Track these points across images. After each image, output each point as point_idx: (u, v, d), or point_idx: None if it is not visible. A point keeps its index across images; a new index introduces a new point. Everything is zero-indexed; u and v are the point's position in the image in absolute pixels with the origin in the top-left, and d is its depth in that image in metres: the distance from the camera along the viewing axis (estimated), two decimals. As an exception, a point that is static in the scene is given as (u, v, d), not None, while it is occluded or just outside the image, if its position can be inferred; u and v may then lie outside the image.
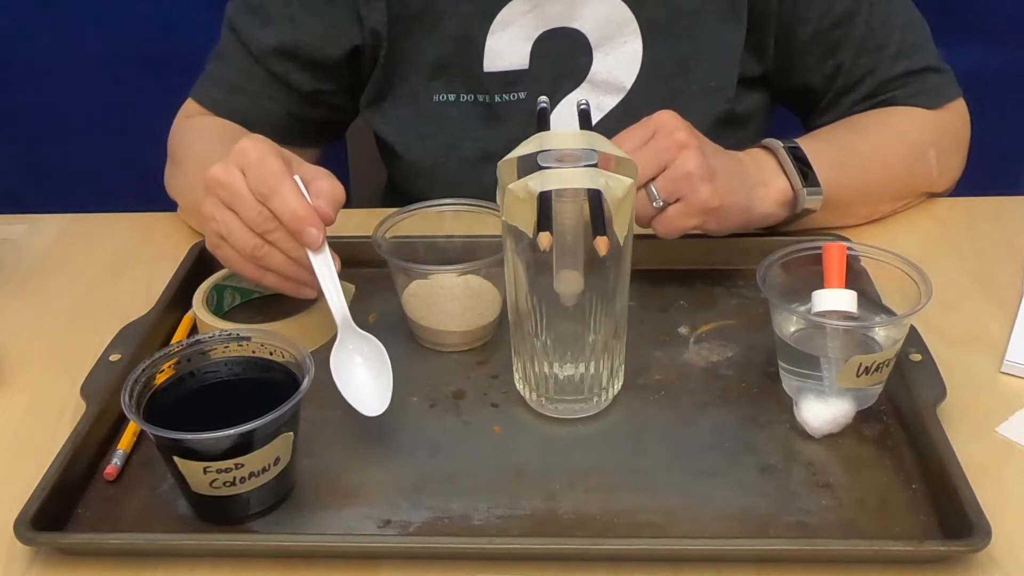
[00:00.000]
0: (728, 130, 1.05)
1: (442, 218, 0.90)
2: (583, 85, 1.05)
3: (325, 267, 0.80)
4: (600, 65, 1.05)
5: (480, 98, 1.06)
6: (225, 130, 1.05)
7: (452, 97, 1.06)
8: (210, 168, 0.81)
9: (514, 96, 1.05)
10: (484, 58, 1.04)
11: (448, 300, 0.84)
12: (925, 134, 1.03)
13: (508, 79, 1.05)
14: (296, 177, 0.80)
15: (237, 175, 0.80)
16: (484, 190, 0.83)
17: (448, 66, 1.05)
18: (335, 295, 0.80)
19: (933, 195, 1.06)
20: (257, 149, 0.80)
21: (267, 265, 0.82)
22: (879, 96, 1.05)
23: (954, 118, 1.07)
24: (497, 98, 1.05)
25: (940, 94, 1.05)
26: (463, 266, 0.83)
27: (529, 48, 1.04)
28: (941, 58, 1.07)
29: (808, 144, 0.95)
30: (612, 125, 1.03)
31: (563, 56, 1.04)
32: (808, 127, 1.10)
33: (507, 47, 1.03)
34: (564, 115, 1.04)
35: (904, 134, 1.03)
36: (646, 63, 1.04)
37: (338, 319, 0.79)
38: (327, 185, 0.82)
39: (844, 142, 1.01)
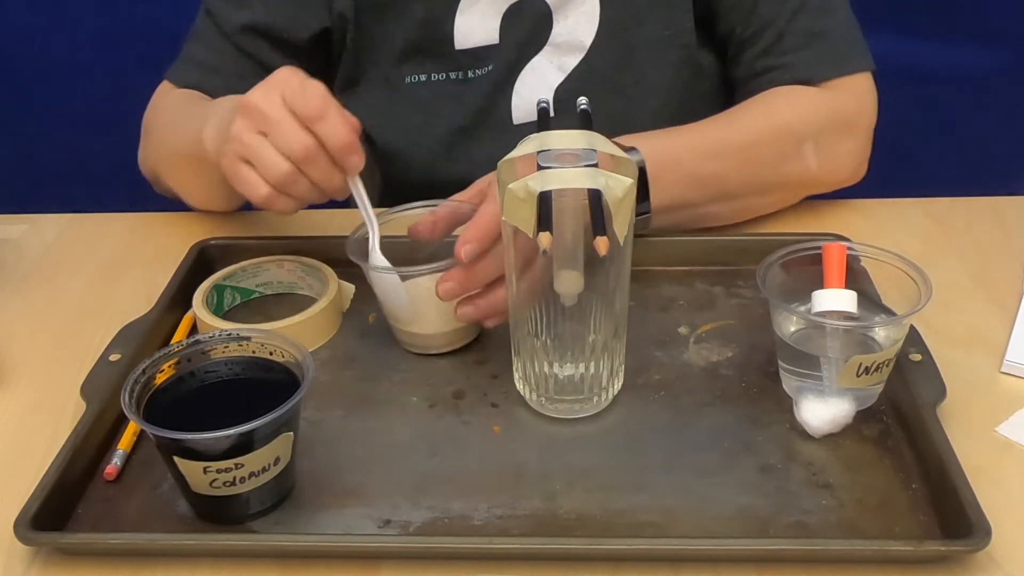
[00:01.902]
0: (694, 82, 1.06)
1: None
2: (545, 48, 1.06)
3: (364, 193, 0.83)
4: (560, 27, 1.05)
5: (453, 75, 1.07)
6: (194, 96, 1.05)
7: (423, 77, 1.07)
8: (248, 94, 0.80)
9: (484, 70, 1.06)
10: (455, 37, 1.05)
11: (420, 303, 0.82)
12: (808, 120, 0.98)
13: (480, 55, 1.06)
14: None
15: (277, 100, 0.79)
16: (458, 165, 0.81)
17: (419, 48, 1.06)
18: (371, 219, 0.83)
19: (845, 187, 1.02)
20: (298, 75, 0.80)
21: (290, 192, 0.81)
22: (776, 55, 1.01)
23: (847, 98, 1.01)
24: (470, 74, 1.06)
25: (839, 63, 1.00)
26: (434, 266, 0.81)
27: (498, 23, 1.05)
28: (859, 31, 1.01)
29: (655, 144, 0.92)
30: (575, 85, 1.04)
31: (528, 26, 1.05)
32: (727, 82, 1.08)
33: (477, 24, 1.04)
34: (528, 80, 1.06)
35: (779, 124, 0.98)
36: (603, 20, 1.05)
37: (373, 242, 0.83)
38: (348, 114, 0.82)
39: (706, 136, 0.97)
